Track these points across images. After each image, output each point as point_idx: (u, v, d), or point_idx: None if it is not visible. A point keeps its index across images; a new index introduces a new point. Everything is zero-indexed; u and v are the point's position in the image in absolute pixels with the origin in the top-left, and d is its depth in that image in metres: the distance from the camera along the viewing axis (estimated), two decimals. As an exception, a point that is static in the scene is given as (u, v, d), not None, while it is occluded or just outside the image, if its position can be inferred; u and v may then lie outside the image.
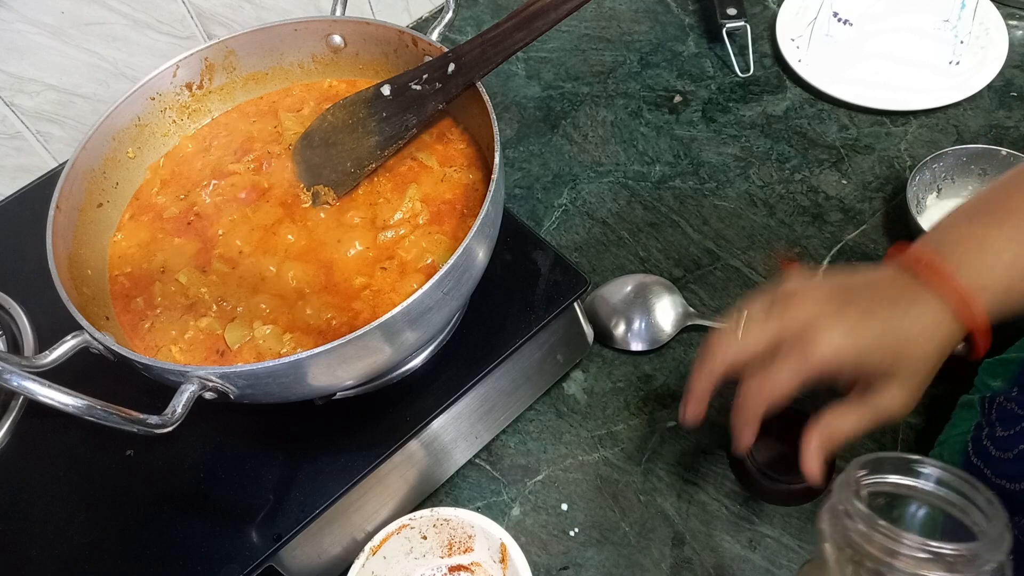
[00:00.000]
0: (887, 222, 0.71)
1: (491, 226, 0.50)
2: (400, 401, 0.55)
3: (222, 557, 0.50)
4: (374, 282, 0.52)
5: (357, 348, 0.44)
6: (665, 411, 0.63)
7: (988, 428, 0.48)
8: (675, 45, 0.88)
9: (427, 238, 0.53)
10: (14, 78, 0.71)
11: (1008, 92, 0.79)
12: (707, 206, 0.74)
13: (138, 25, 0.75)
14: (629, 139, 0.81)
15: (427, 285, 0.44)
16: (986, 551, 0.34)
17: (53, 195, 0.52)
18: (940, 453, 0.51)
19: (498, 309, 0.58)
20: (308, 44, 0.62)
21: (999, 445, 0.46)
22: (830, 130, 0.79)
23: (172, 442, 0.49)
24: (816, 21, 0.84)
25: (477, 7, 0.95)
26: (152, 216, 0.58)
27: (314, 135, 0.59)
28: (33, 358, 0.44)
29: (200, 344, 0.51)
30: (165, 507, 0.52)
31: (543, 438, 0.63)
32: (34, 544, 0.52)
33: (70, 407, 0.39)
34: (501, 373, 0.58)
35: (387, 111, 0.56)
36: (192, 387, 0.43)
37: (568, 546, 0.57)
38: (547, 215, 0.76)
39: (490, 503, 0.60)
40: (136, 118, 0.59)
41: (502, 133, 0.72)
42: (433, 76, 0.54)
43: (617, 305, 0.67)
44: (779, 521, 0.56)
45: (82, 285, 0.52)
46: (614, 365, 0.66)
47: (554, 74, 0.87)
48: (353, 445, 0.53)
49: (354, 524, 0.55)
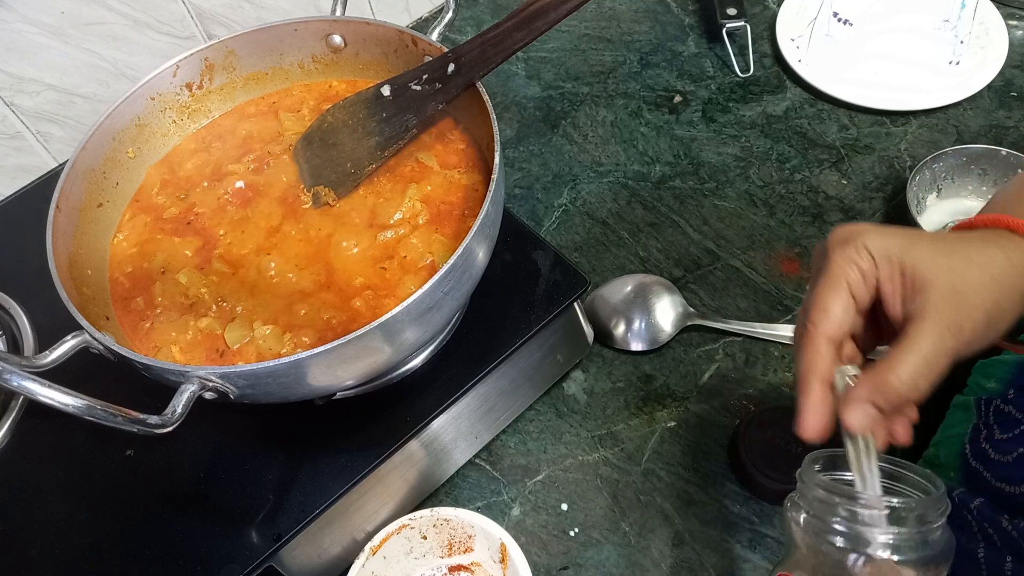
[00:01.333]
0: (887, 222, 0.70)
1: (491, 226, 0.50)
2: (400, 401, 0.55)
3: (222, 557, 0.50)
4: (374, 282, 0.52)
5: (357, 348, 0.44)
6: (665, 411, 0.63)
7: (986, 431, 0.48)
8: (675, 45, 0.88)
9: (427, 238, 0.53)
10: (14, 78, 0.71)
11: (1008, 92, 0.79)
12: (707, 206, 0.74)
13: (138, 25, 0.75)
14: (629, 139, 0.81)
15: (427, 285, 0.44)
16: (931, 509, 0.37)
17: (53, 195, 0.52)
18: (936, 453, 0.51)
19: (498, 309, 0.58)
20: (308, 44, 0.62)
21: (998, 449, 0.46)
22: (830, 130, 0.79)
23: (172, 442, 0.49)
24: (816, 21, 0.84)
25: (477, 7, 0.95)
26: (152, 216, 0.58)
27: (314, 136, 0.59)
28: (33, 358, 0.44)
29: (200, 344, 0.51)
30: (165, 507, 0.52)
31: (543, 438, 0.63)
32: (34, 544, 0.52)
33: (70, 407, 0.39)
34: (501, 373, 0.58)
35: (387, 112, 0.56)
36: (192, 387, 0.43)
37: (568, 546, 0.57)
38: (547, 215, 0.76)
39: (490, 503, 0.60)
40: (136, 118, 0.59)
41: (502, 133, 0.72)
42: (433, 76, 0.54)
43: (617, 305, 0.67)
44: (779, 521, 0.56)
45: (82, 285, 0.52)
46: (614, 365, 0.66)
47: (554, 74, 0.87)
48: (353, 445, 0.53)
49: (354, 524, 0.55)
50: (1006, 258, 0.40)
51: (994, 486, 0.45)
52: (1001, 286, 0.39)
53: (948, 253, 0.39)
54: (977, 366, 0.53)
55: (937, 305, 0.38)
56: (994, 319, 0.39)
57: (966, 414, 0.51)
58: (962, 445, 0.49)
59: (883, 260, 0.40)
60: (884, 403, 0.39)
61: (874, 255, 0.40)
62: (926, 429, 0.57)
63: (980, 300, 0.39)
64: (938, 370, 0.39)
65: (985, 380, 0.51)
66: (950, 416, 0.53)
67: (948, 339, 0.38)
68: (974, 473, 0.47)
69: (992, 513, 0.44)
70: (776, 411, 0.58)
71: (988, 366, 0.52)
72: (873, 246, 0.40)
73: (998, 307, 0.39)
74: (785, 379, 0.63)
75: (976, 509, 0.45)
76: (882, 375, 0.38)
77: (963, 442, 0.49)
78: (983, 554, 0.44)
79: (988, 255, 0.40)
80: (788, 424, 0.48)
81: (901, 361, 0.38)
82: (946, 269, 0.39)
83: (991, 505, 0.45)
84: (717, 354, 0.65)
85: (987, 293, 0.39)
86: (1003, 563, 0.43)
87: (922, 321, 0.38)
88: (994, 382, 0.50)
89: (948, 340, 0.38)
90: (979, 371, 0.52)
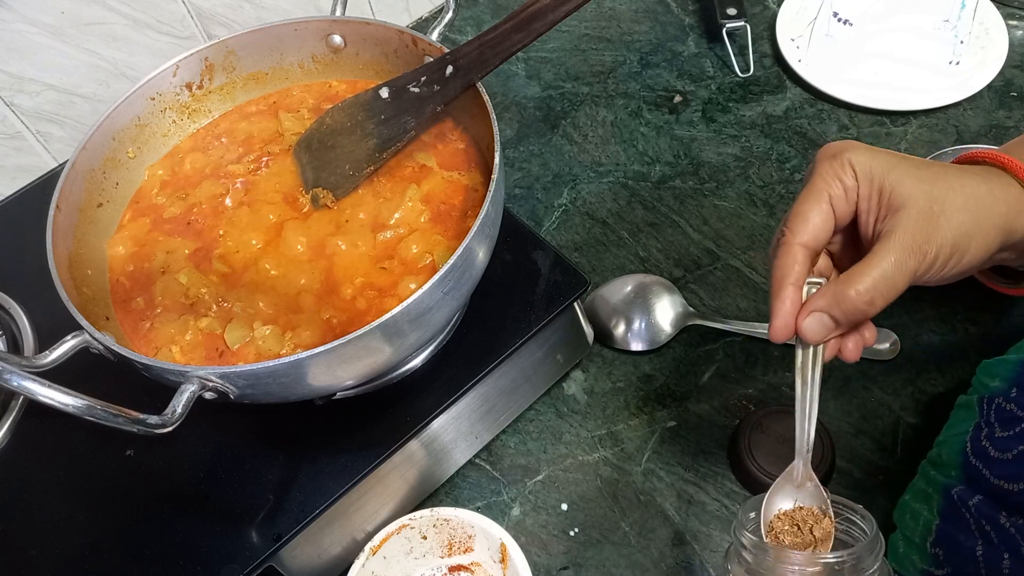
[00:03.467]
0: (887, 222, 0.71)
1: (491, 226, 0.50)
2: (400, 401, 0.55)
3: (222, 557, 0.50)
4: (374, 282, 0.52)
5: (357, 348, 0.44)
6: (665, 411, 0.63)
7: (987, 429, 0.48)
8: (675, 45, 0.88)
9: (427, 238, 0.53)
10: (14, 78, 0.71)
11: (1008, 92, 0.79)
12: (707, 206, 0.74)
13: (138, 25, 0.75)
14: (629, 139, 0.81)
15: (427, 285, 0.44)
16: (866, 554, 0.39)
17: (53, 195, 0.52)
18: (939, 453, 0.51)
19: (498, 309, 0.58)
20: (308, 44, 0.62)
21: (998, 446, 0.46)
22: (830, 130, 0.79)
23: (172, 442, 0.49)
24: (816, 21, 0.84)
25: (477, 7, 0.95)
26: (152, 216, 0.58)
27: (313, 138, 0.59)
28: (33, 358, 0.44)
29: (200, 344, 0.51)
30: (165, 507, 0.52)
31: (543, 438, 0.63)
32: (34, 544, 0.52)
33: (70, 407, 0.39)
34: (501, 373, 0.58)
35: (385, 113, 0.56)
36: (192, 387, 0.43)
37: (568, 546, 0.57)
38: (547, 215, 0.76)
39: (490, 503, 0.60)
40: (136, 118, 0.59)
41: (502, 133, 0.72)
42: (431, 78, 0.54)
43: (617, 305, 0.67)
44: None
45: (82, 285, 0.52)
46: (614, 365, 0.66)
47: (554, 74, 0.87)
48: (353, 445, 0.53)
49: (354, 524, 0.55)
50: (987, 189, 0.40)
51: (993, 484, 0.45)
52: (974, 215, 0.40)
53: (930, 180, 0.40)
54: (982, 366, 0.53)
55: (906, 226, 0.39)
56: (961, 247, 0.40)
57: (969, 413, 0.51)
58: (963, 443, 0.49)
59: (865, 178, 0.40)
60: (840, 315, 0.40)
61: (857, 172, 0.41)
62: (931, 430, 0.57)
63: (950, 226, 0.40)
64: (897, 289, 0.40)
65: (989, 379, 0.51)
66: (954, 416, 0.53)
67: (911, 260, 0.39)
68: (974, 471, 0.47)
69: (990, 511, 0.44)
70: (776, 411, 0.58)
71: (993, 365, 0.52)
72: (858, 163, 0.40)
73: (967, 236, 0.40)
74: (785, 379, 0.63)
75: (975, 507, 0.45)
76: (841, 287, 0.40)
77: (965, 441, 0.49)
78: (981, 552, 0.44)
79: (970, 185, 0.40)
80: (788, 424, 0.48)
81: (862, 275, 0.39)
82: (924, 193, 0.40)
83: (989, 503, 0.45)
84: (717, 354, 0.65)
85: (958, 221, 0.40)
86: (1000, 561, 0.43)
87: (888, 240, 0.39)
88: (998, 381, 0.50)
89: (911, 261, 0.39)
90: (983, 371, 0.52)
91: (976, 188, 0.41)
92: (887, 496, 0.56)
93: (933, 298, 0.65)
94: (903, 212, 0.40)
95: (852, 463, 0.58)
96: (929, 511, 0.49)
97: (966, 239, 0.40)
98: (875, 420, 0.60)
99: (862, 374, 0.62)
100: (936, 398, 0.60)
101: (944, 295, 0.65)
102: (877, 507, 0.56)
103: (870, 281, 0.39)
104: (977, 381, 0.53)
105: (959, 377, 0.61)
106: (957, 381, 0.61)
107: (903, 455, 0.58)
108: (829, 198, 0.41)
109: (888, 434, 0.59)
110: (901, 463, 0.58)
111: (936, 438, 0.53)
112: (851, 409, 0.61)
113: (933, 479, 0.50)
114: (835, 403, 0.61)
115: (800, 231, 0.41)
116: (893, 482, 0.57)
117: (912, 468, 0.54)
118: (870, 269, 0.39)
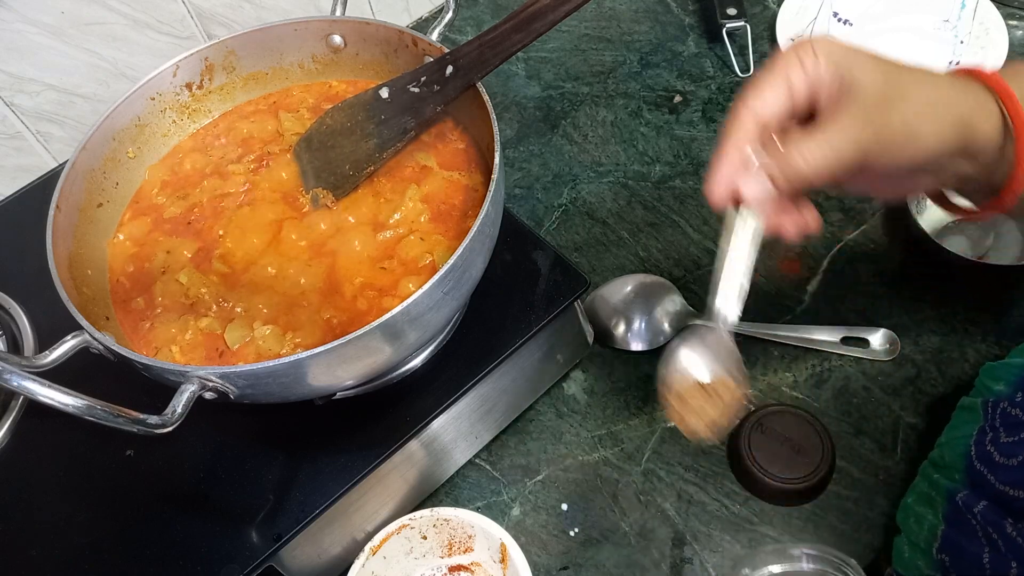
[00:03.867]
0: (887, 222, 0.71)
1: (491, 226, 0.50)
2: (400, 401, 0.55)
3: (222, 557, 0.50)
4: (374, 282, 0.52)
5: (357, 348, 0.44)
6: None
7: (992, 433, 0.48)
8: (675, 45, 0.88)
9: (427, 238, 0.53)
10: (14, 78, 0.71)
11: (1008, 92, 0.78)
12: (707, 206, 0.74)
13: (138, 25, 0.75)
14: (629, 139, 0.81)
15: (427, 285, 0.44)
16: None
17: (53, 195, 0.52)
18: (940, 455, 0.51)
19: (498, 309, 0.58)
20: (308, 44, 0.62)
21: (1003, 451, 0.46)
22: (830, 130, 0.79)
23: (172, 442, 0.49)
24: (816, 21, 0.84)
25: (477, 7, 0.95)
26: (152, 216, 0.58)
27: (312, 138, 0.59)
28: (33, 358, 0.44)
29: (200, 344, 0.51)
30: (165, 507, 0.52)
31: (543, 438, 0.63)
32: (34, 544, 0.52)
33: (70, 407, 0.39)
34: (501, 373, 0.58)
35: (385, 114, 0.56)
36: (192, 387, 0.43)
37: (568, 546, 0.57)
38: (547, 215, 0.76)
39: (490, 503, 0.60)
40: (136, 118, 0.59)
41: (502, 133, 0.72)
42: (431, 78, 0.54)
43: (617, 305, 0.67)
44: (779, 521, 0.56)
45: (82, 285, 0.52)
46: (614, 365, 0.66)
47: (554, 74, 0.87)
48: (353, 445, 0.53)
49: (354, 524, 0.55)
50: (950, 83, 0.40)
51: (998, 489, 0.45)
52: (932, 103, 0.40)
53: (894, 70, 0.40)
54: (984, 368, 0.53)
55: (860, 102, 0.39)
56: (913, 129, 0.40)
57: (972, 415, 0.50)
58: (967, 447, 0.49)
59: (827, 64, 0.40)
60: (783, 180, 0.40)
61: (820, 59, 0.40)
62: (931, 430, 0.57)
63: (904, 106, 0.39)
64: (843, 159, 0.39)
65: (993, 383, 0.51)
66: (956, 418, 0.53)
67: (859, 131, 0.39)
68: (978, 475, 0.47)
69: (996, 517, 0.44)
70: (776, 411, 0.58)
71: (996, 369, 0.52)
72: (822, 51, 0.40)
73: (920, 117, 0.40)
74: (785, 379, 0.63)
75: (980, 513, 0.45)
76: (788, 150, 0.39)
77: (968, 444, 0.49)
78: (988, 559, 0.44)
79: (935, 78, 0.40)
80: (788, 424, 0.48)
81: (808, 139, 0.39)
82: (884, 75, 0.40)
83: (995, 508, 0.45)
84: (717, 354, 0.65)
85: (915, 103, 0.40)
86: (1008, 569, 0.43)
87: (841, 111, 0.39)
88: (1002, 384, 0.50)
89: (859, 132, 0.39)
90: (986, 374, 0.52)
91: (939, 80, 0.41)
92: (887, 496, 0.56)
93: (933, 298, 0.65)
94: (858, 91, 0.39)
95: (852, 463, 0.58)
96: (934, 515, 0.48)
97: (920, 120, 0.40)
98: (875, 420, 0.60)
99: (862, 374, 0.62)
100: (936, 398, 0.60)
101: (944, 295, 0.65)
102: (877, 507, 0.56)
103: (816, 147, 0.39)
104: (980, 383, 0.52)
105: (959, 377, 0.61)
106: (957, 381, 0.61)
107: (903, 455, 0.58)
108: (787, 78, 0.41)
109: (888, 434, 0.59)
110: (901, 463, 0.58)
111: (937, 439, 0.53)
112: (851, 409, 0.61)
113: (936, 482, 0.50)
114: (835, 403, 0.61)
115: (753, 102, 0.41)
116: (893, 482, 0.57)
117: (912, 468, 0.54)
118: (818, 134, 0.39)
